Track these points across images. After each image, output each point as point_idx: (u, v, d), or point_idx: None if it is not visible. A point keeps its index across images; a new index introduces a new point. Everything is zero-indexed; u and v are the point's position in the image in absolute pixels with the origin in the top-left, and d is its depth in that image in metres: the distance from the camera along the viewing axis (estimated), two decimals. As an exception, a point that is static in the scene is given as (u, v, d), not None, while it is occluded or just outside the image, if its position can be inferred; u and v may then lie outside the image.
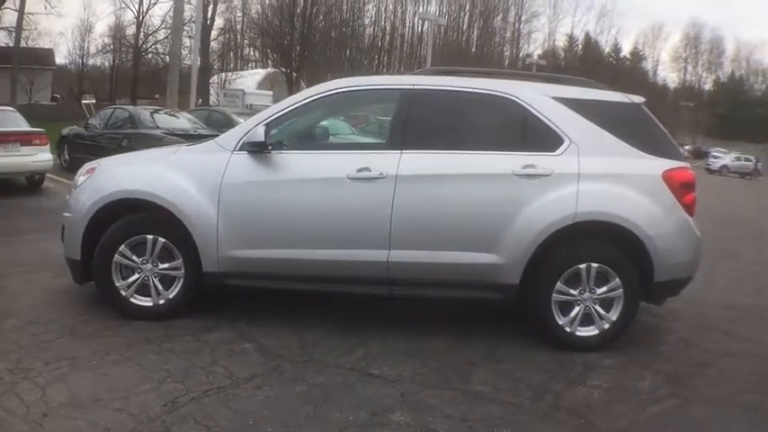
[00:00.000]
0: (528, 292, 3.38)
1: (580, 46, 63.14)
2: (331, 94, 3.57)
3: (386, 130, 3.61)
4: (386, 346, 3.37)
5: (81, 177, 3.69)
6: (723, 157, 35.59)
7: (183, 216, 3.40)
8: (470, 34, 55.58)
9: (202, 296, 3.65)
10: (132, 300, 3.53)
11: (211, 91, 29.36)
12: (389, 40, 50.75)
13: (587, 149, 3.35)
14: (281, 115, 3.53)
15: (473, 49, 51.73)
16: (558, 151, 3.37)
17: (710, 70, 63.04)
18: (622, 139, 3.38)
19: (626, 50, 64.45)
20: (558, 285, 3.35)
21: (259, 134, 3.29)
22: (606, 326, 3.36)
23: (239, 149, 3.48)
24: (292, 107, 3.55)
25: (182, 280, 3.53)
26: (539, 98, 3.45)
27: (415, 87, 3.53)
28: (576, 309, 3.37)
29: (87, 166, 3.80)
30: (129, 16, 34.68)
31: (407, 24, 51.47)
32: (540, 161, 3.34)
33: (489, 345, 3.46)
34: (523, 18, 56.62)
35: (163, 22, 30.62)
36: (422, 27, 52.10)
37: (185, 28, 17.97)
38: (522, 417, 2.66)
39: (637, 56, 64.59)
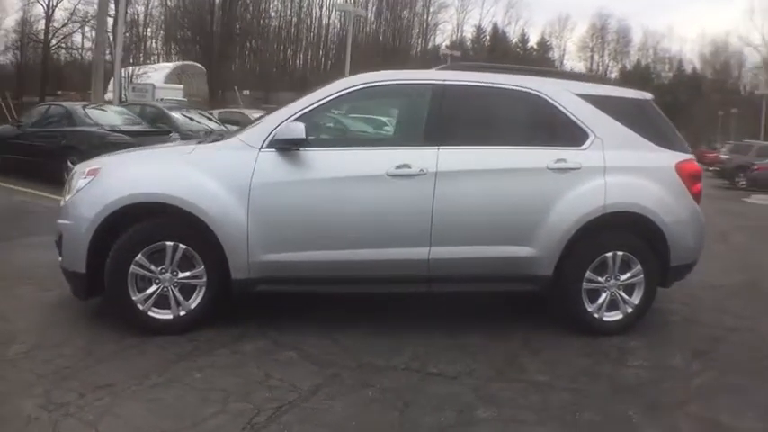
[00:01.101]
0: (560, 281, 3.49)
1: (488, 37, 64.85)
2: (361, 89, 3.46)
3: (406, 125, 3.52)
4: (428, 344, 3.38)
5: (80, 180, 3.30)
6: None
7: (210, 220, 3.15)
8: (379, 26, 55.83)
9: (227, 305, 3.44)
10: (150, 313, 3.22)
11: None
12: (296, 32, 49.68)
13: (609, 143, 3.52)
14: (310, 110, 3.35)
15: (381, 40, 51.94)
16: (585, 146, 3.50)
17: (617, 59, 65.82)
18: (638, 133, 3.60)
19: (533, 41, 66.74)
20: (588, 274, 3.50)
21: (298, 130, 3.12)
22: (629, 310, 3.57)
23: (267, 147, 3.24)
24: (321, 102, 3.40)
25: (203, 289, 3.29)
26: (563, 94, 3.57)
27: (447, 83, 3.51)
28: (603, 295, 3.56)
29: (85, 167, 3.41)
30: (38, 10, 31.25)
31: (314, 15, 50.68)
32: (570, 155, 3.46)
33: (522, 335, 3.58)
34: (431, 9, 57.58)
35: (72, 15, 27.89)
36: (329, 18, 51.64)
37: (92, 22, 16.48)
38: (592, 400, 2.81)
39: (544, 46, 66.56)
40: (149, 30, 38.43)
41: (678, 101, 59.13)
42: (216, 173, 3.26)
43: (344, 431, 2.48)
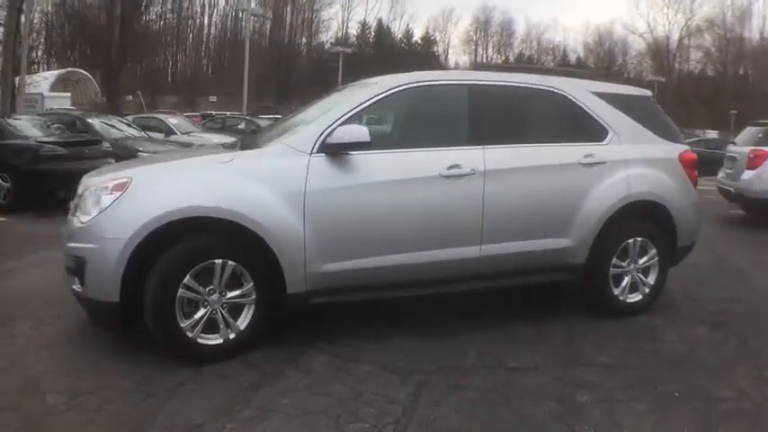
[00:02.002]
0: (590, 268, 3.68)
1: (373, 33, 64.82)
2: (403, 90, 3.42)
3: (451, 126, 3.53)
4: (485, 340, 3.44)
5: (103, 197, 2.87)
6: None
7: (265, 232, 2.95)
8: (263, 24, 54.57)
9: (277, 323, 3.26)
10: (200, 340, 2.93)
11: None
12: (176, 33, 47.11)
13: (625, 138, 3.81)
14: (356, 113, 3.24)
15: (267, 38, 50.84)
16: (606, 141, 3.75)
17: (501, 52, 67.61)
18: (646, 127, 3.94)
19: (418, 36, 67.03)
20: (614, 260, 3.74)
21: (362, 134, 2.97)
22: (647, 291, 3.89)
23: (318, 151, 3.07)
24: (365, 104, 3.30)
25: (252, 307, 3.04)
26: (582, 93, 3.79)
27: (483, 83, 3.57)
28: (626, 279, 3.82)
29: (108, 181, 2.97)
30: None
31: (196, 15, 48.39)
32: (596, 150, 3.69)
33: (563, 324, 3.76)
34: (315, 7, 57.27)
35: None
36: (210, 17, 49.54)
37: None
38: (660, 373, 3.07)
39: (428, 41, 67.13)
40: (31, 37, 34.21)
41: None
42: (266, 181, 3.03)
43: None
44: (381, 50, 61.16)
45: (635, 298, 3.94)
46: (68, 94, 20.51)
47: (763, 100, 42.50)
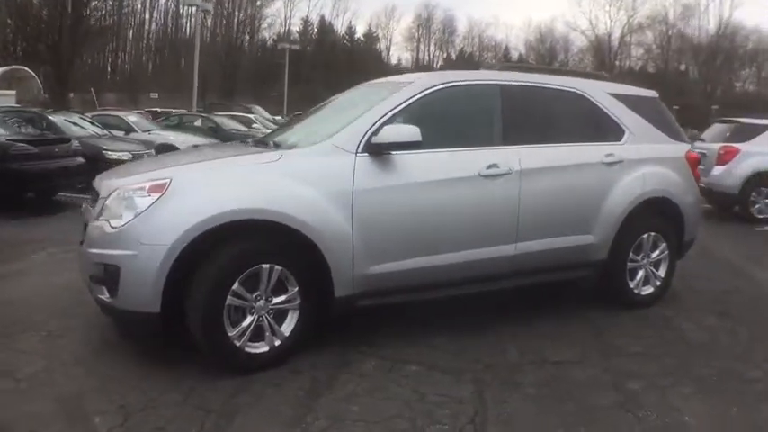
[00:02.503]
0: (610, 264, 3.81)
1: (315, 30, 64.34)
2: (440, 89, 3.41)
3: (485, 125, 3.54)
4: (520, 337, 3.50)
5: (138, 199, 2.69)
6: None
7: (315, 235, 2.87)
8: (204, 20, 52.90)
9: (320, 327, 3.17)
10: (247, 349, 2.80)
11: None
12: (117, 30, 44.87)
13: (639, 138, 3.97)
14: (396, 112, 3.21)
15: (209, 34, 49.32)
16: (623, 140, 3.89)
17: (443, 49, 68.26)
18: (656, 127, 4.10)
19: (360, 32, 67.06)
20: (630, 255, 3.88)
21: (412, 133, 2.93)
22: (658, 283, 4.06)
23: (362, 151, 3.01)
24: (405, 104, 3.28)
25: (297, 312, 2.94)
26: (600, 94, 3.92)
27: (513, 83, 3.61)
28: (640, 273, 3.98)
29: (143, 182, 2.78)
30: None
31: (137, 12, 46.35)
32: (615, 150, 3.82)
33: (583, 318, 3.88)
34: (258, 3, 56.00)
35: None
36: (151, 13, 47.61)
37: None
38: (691, 359, 3.24)
39: (371, 37, 67.06)
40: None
41: None
42: (314, 181, 2.94)
43: (575, 428, 2.51)
44: (323, 47, 60.71)
45: (648, 290, 4.10)
46: (13, 92, 19.09)
47: (704, 96, 45.06)
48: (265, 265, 2.86)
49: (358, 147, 3.09)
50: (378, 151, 3.10)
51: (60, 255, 5.02)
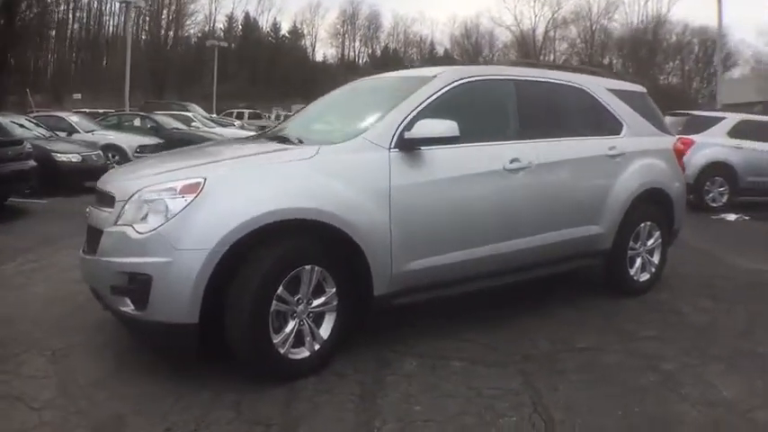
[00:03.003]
0: (613, 253, 3.97)
1: (240, 27, 63.40)
2: (463, 84, 3.43)
3: (503, 120, 3.57)
4: (542, 326, 3.58)
5: (170, 201, 2.52)
6: None
7: (356, 233, 2.83)
8: (133, 16, 50.44)
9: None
10: (290, 355, 2.70)
11: None
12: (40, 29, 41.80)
13: (635, 131, 4.17)
14: (425, 107, 3.19)
15: (135, 31, 46.99)
16: (622, 134, 4.08)
17: (368, 45, 68.69)
18: (648, 121, 4.29)
19: (285, 29, 66.83)
20: (630, 243, 4.05)
21: (450, 128, 2.92)
22: (653, 270, 4.26)
23: (395, 146, 2.97)
24: (432, 98, 3.28)
25: (334, 314, 2.86)
26: (600, 89, 4.08)
27: (526, 79, 3.68)
28: (638, 260, 4.16)
29: (173, 182, 2.61)
30: None
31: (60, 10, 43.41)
32: (616, 143, 3.99)
33: (591, 306, 4.02)
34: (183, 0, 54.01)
35: None
36: (73, 12, 44.78)
37: None
38: (703, 341, 3.42)
39: (296, 34, 66.80)
40: None
41: None
42: (351, 178, 2.87)
43: (630, 408, 2.60)
44: (248, 44, 59.84)
45: (645, 277, 4.30)
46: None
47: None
48: (307, 267, 2.75)
49: (391, 142, 3.02)
50: (410, 146, 3.06)
51: (30, 264, 4.63)
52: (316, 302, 2.83)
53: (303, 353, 2.79)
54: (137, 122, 14.56)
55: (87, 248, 3.00)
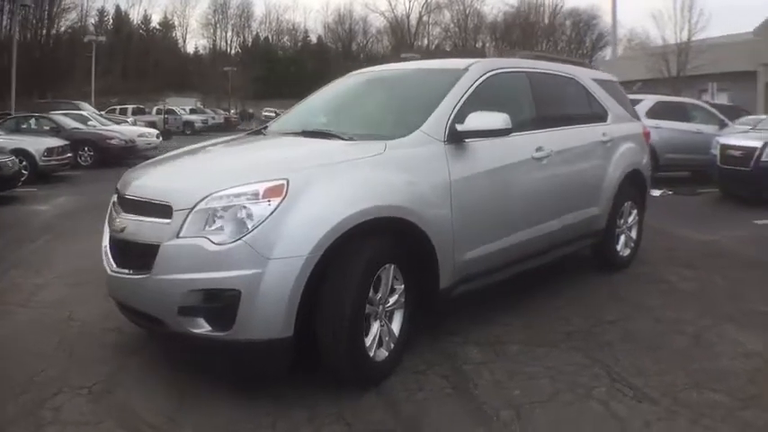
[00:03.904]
0: (606, 232, 4.37)
1: (111, 20, 61.13)
2: (491, 75, 3.57)
3: (521, 110, 3.75)
4: (563, 306, 3.84)
5: (253, 207, 2.40)
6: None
7: (428, 227, 2.94)
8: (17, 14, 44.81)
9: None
10: (376, 359, 2.70)
11: None
12: None
13: (617, 118, 4.61)
14: (465, 100, 3.29)
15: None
16: (608, 121, 4.49)
17: (239, 34, 68.58)
18: (623, 108, 4.71)
19: (156, 21, 66.11)
20: (618, 221, 4.46)
21: (502, 120, 3.03)
22: (632, 245, 4.72)
23: (447, 139, 3.05)
24: (469, 91, 3.41)
25: (402, 311, 2.91)
26: (587, 79, 4.43)
27: (535, 70, 3.87)
28: (622, 237, 4.59)
29: (253, 186, 2.45)
30: None
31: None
32: (606, 130, 4.38)
33: (590, 283, 4.37)
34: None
35: None
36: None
37: None
38: (706, 305, 3.87)
39: (167, 26, 66.51)
40: None
41: (304, 70, 64.81)
42: (419, 173, 2.94)
43: (688, 366, 2.92)
44: (120, 37, 57.10)
45: (626, 252, 4.77)
46: None
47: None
48: (387, 266, 2.73)
49: (444, 135, 3.05)
50: (459, 139, 3.12)
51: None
52: (391, 301, 2.81)
53: (383, 354, 2.78)
54: (33, 124, 13.18)
55: (125, 266, 2.69)
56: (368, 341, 2.63)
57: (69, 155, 11.22)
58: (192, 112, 35.74)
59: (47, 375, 2.83)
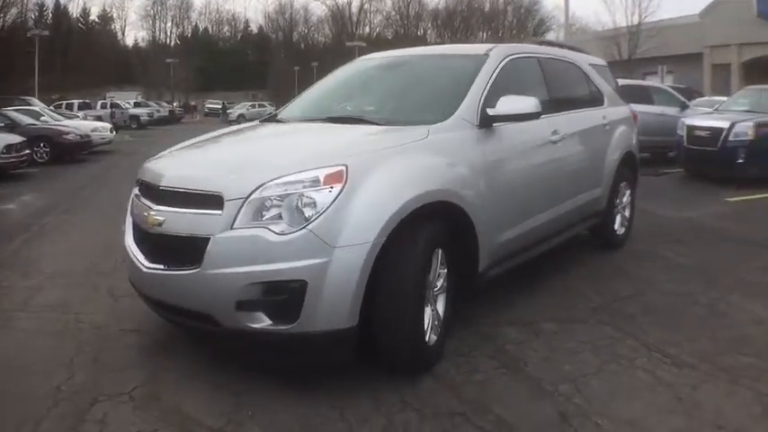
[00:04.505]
0: (606, 211, 4.57)
1: (51, 15, 59.65)
2: (510, 60, 3.65)
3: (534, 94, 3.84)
4: (571, 284, 4.01)
5: (316, 194, 2.37)
6: (237, 107, 41.22)
7: (471, 211, 2.98)
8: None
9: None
10: (431, 344, 2.75)
11: None
12: None
13: (611, 101, 4.82)
14: (491, 85, 3.34)
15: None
16: (605, 105, 4.68)
17: (179, 25, 68.91)
18: (616, 92, 4.88)
19: (95, 14, 66.07)
20: (616, 201, 4.66)
21: (533, 104, 3.15)
22: (626, 224, 4.94)
23: (479, 124, 3.11)
24: (494, 75, 3.45)
25: (444, 295, 2.96)
26: (585, 64, 4.58)
27: (544, 56, 4.00)
28: (619, 217, 4.80)
29: (311, 172, 2.42)
30: None
31: None
32: (604, 112, 4.54)
33: (592, 260, 4.59)
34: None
35: None
36: None
37: None
38: (710, 275, 4.18)
39: (106, 18, 66.60)
40: None
41: (246, 61, 64.33)
42: (460, 157, 3.03)
43: (713, 333, 3.09)
44: (60, 31, 55.32)
45: (622, 231, 5.00)
46: None
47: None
48: (437, 250, 2.72)
49: (477, 119, 3.09)
50: (489, 123, 3.16)
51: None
52: (438, 285, 2.84)
53: (433, 338, 2.80)
54: None
55: (163, 262, 2.58)
56: (426, 327, 2.66)
57: (28, 151, 10.86)
58: (137, 105, 35.44)
59: (75, 384, 2.68)
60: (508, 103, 3.17)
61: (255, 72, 62.90)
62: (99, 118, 22.18)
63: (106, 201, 7.84)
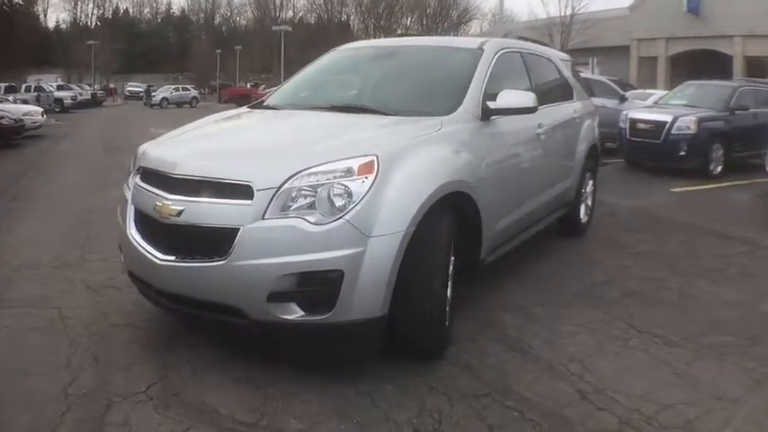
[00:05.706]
0: (575, 201, 4.86)
1: None
2: (501, 54, 3.77)
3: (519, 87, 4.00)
4: (554, 270, 4.21)
5: (351, 184, 2.42)
6: (160, 90, 39.56)
7: (479, 199, 3.13)
8: None
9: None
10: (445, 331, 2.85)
11: None
12: None
13: (579, 95, 5.10)
14: (489, 78, 3.48)
15: None
16: (574, 99, 4.94)
17: (100, 6, 67.18)
18: (581, 86, 5.16)
19: None
20: (582, 191, 4.97)
21: (531, 98, 3.27)
22: (589, 213, 5.27)
23: (481, 116, 3.24)
24: (490, 69, 3.57)
25: (450, 283, 3.09)
26: (556, 59, 4.80)
27: (524, 51, 4.18)
28: (583, 206, 5.12)
29: (345, 162, 2.44)
30: None
31: None
32: (574, 106, 4.81)
33: (559, 247, 4.81)
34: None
35: None
36: None
37: None
38: (674, 262, 4.50)
39: (29, 1, 62.86)
40: None
41: (168, 43, 62.49)
42: (469, 148, 3.13)
43: (692, 316, 3.36)
44: None
45: (585, 219, 5.29)
46: None
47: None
48: (451, 240, 2.79)
49: (480, 112, 3.18)
50: (488, 116, 3.27)
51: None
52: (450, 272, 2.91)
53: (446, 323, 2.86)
54: None
55: (180, 254, 2.48)
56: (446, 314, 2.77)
57: None
58: (60, 88, 33.79)
59: (82, 386, 2.54)
60: (509, 97, 3.30)
61: (177, 55, 61.25)
62: (25, 101, 20.91)
63: (53, 187, 7.32)
